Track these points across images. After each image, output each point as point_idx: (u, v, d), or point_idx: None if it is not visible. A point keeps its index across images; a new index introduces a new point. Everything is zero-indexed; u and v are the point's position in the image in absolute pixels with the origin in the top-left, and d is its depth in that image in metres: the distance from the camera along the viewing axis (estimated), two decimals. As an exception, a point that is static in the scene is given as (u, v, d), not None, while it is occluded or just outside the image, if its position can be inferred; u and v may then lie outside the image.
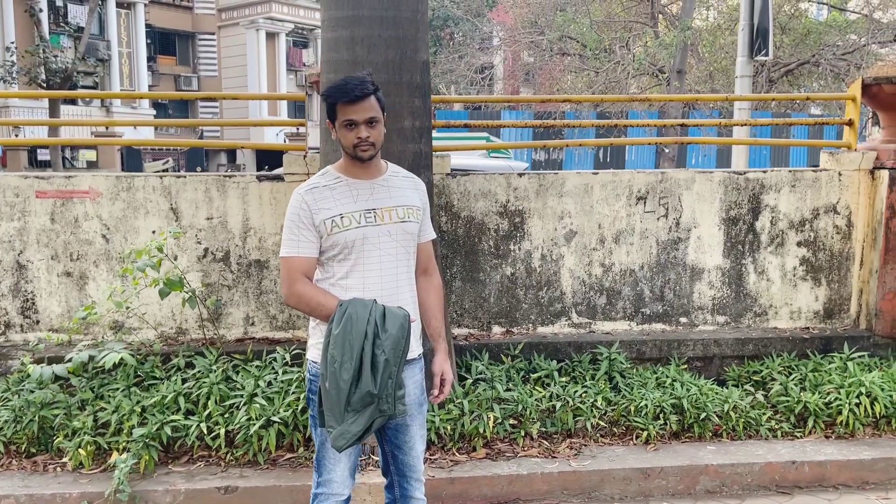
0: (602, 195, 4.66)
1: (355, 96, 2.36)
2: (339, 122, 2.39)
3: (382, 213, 2.45)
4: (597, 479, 3.68)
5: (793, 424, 4.14)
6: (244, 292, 4.49)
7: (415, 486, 2.61)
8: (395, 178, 2.54)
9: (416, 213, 2.53)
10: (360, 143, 2.39)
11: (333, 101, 2.39)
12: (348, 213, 2.41)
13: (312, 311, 2.44)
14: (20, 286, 4.39)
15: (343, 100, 2.36)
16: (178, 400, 3.78)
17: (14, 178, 4.37)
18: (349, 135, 2.39)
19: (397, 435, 2.55)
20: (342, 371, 2.25)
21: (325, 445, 2.47)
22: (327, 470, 2.49)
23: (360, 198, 2.44)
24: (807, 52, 16.75)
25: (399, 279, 2.48)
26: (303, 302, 2.43)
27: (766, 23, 8.32)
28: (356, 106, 2.36)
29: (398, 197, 2.50)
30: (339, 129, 2.41)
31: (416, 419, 2.55)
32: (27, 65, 22.25)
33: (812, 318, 4.90)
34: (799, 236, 4.82)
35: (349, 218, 2.40)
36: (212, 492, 3.47)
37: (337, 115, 2.39)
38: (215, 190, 4.43)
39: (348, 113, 2.37)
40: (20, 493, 3.42)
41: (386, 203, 2.46)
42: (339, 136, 2.42)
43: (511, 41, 20.53)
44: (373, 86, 2.40)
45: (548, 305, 4.69)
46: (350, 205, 2.42)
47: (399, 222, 2.47)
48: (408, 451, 2.57)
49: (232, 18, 33.10)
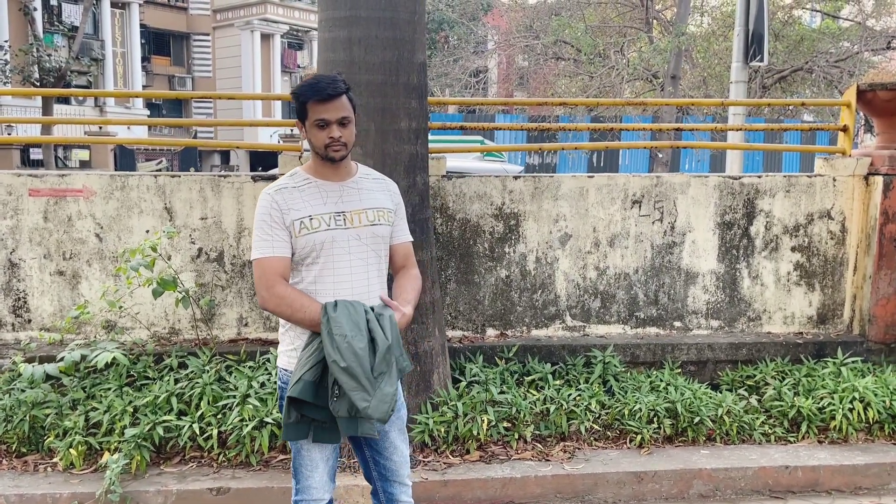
0: (597, 198, 4.66)
1: (328, 95, 2.30)
2: (311, 121, 2.33)
3: (352, 216, 2.39)
4: (590, 483, 3.67)
5: (786, 429, 4.14)
6: (238, 293, 4.47)
7: (400, 490, 2.57)
8: (366, 180, 2.49)
9: (388, 215, 2.48)
10: (332, 143, 2.33)
11: (304, 100, 2.32)
12: (317, 214, 2.35)
13: (294, 314, 2.33)
14: (12, 285, 4.36)
15: (315, 98, 2.30)
16: (171, 400, 3.75)
17: (7, 176, 4.34)
18: (320, 134, 2.33)
19: (376, 441, 2.52)
20: (355, 342, 2.21)
21: (301, 452, 2.45)
22: (305, 476, 2.46)
23: (330, 200, 2.38)
24: (800, 59, 16.86)
25: (370, 283, 2.42)
26: (284, 304, 2.32)
27: (761, 29, 8.36)
28: (328, 105, 2.31)
29: (368, 199, 2.45)
30: (309, 130, 2.35)
31: (394, 424, 2.51)
32: (20, 63, 22.15)
33: (806, 323, 4.91)
34: (793, 241, 4.83)
35: (318, 220, 2.34)
36: (204, 493, 3.44)
37: (308, 115, 2.33)
38: (210, 190, 4.41)
39: (320, 112, 2.31)
40: (10, 493, 3.39)
41: (356, 206, 2.41)
42: (310, 137, 2.36)
43: (506, 45, 20.58)
44: (344, 84, 2.35)
45: (542, 308, 4.69)
46: (319, 206, 2.36)
47: (369, 225, 2.41)
48: (388, 457, 2.54)
49: (227, 19, 33.03)
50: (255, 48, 32.03)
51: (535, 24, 19.45)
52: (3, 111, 22.99)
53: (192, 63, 33.04)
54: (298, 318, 2.33)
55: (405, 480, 2.59)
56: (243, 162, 29.40)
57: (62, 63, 21.86)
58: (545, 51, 18.93)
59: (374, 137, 3.62)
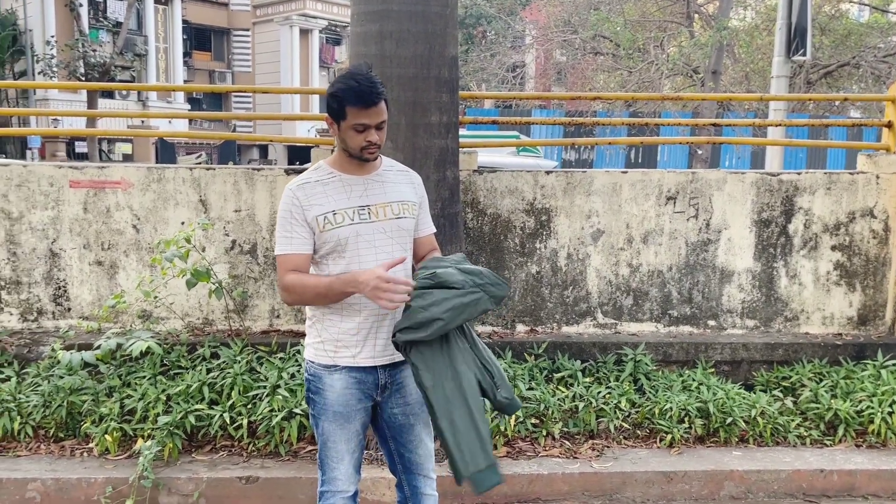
0: (631, 194, 4.60)
1: (370, 102, 2.27)
2: (349, 124, 2.29)
3: (377, 210, 2.38)
4: (618, 482, 3.64)
5: (822, 432, 4.05)
6: (270, 285, 4.52)
7: (424, 483, 2.58)
8: (390, 173, 2.48)
9: (412, 208, 2.47)
10: (369, 146, 2.31)
11: (344, 104, 2.27)
12: (341, 209, 2.33)
13: (306, 292, 2.31)
14: (53, 274, 4.47)
15: (357, 105, 2.26)
16: (203, 389, 3.82)
17: (49, 168, 4.45)
18: (358, 137, 2.30)
19: (402, 434, 2.52)
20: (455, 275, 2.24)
21: (327, 444, 2.45)
22: (330, 468, 2.47)
23: (354, 194, 2.37)
24: (847, 54, 16.40)
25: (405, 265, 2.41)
26: (297, 287, 2.31)
27: (804, 22, 8.15)
28: (369, 111, 2.27)
29: (393, 192, 2.43)
30: (345, 131, 2.31)
31: (419, 418, 2.51)
32: (67, 59, 22.72)
33: (845, 324, 4.79)
34: (833, 240, 4.72)
35: (342, 214, 2.33)
36: (233, 481, 3.50)
37: (346, 118, 2.29)
38: (244, 183, 4.46)
39: (360, 117, 2.27)
40: (47, 476, 3.48)
41: (380, 199, 2.39)
42: (345, 137, 2.33)
43: (543, 40, 20.43)
44: (382, 86, 2.31)
45: (573, 305, 4.65)
46: (343, 201, 2.35)
47: (394, 219, 2.40)
48: (413, 450, 2.54)
49: (266, 15, 33.42)
50: (293, 43, 32.35)
51: (573, 19, 19.28)
52: (50, 105, 23.61)
53: (232, 58, 33.50)
54: (311, 296, 2.32)
55: (430, 473, 2.59)
56: (281, 156, 29.74)
57: (107, 58, 22.36)
58: (583, 46, 18.75)
59: (405, 131, 3.62)
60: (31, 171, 4.42)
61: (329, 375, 2.40)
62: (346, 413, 2.41)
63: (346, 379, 2.39)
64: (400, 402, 2.48)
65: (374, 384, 2.43)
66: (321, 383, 2.42)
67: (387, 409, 2.50)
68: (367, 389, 2.43)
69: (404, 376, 2.45)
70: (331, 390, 2.40)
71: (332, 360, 2.40)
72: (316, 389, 2.43)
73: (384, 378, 2.43)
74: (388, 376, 2.44)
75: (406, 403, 2.48)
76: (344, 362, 2.39)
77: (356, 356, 2.39)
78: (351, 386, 2.40)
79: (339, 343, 2.38)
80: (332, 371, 2.39)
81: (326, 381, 2.40)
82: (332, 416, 2.41)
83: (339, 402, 2.40)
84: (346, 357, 2.39)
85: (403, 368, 2.44)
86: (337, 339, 2.38)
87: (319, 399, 2.43)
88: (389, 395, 2.47)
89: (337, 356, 2.39)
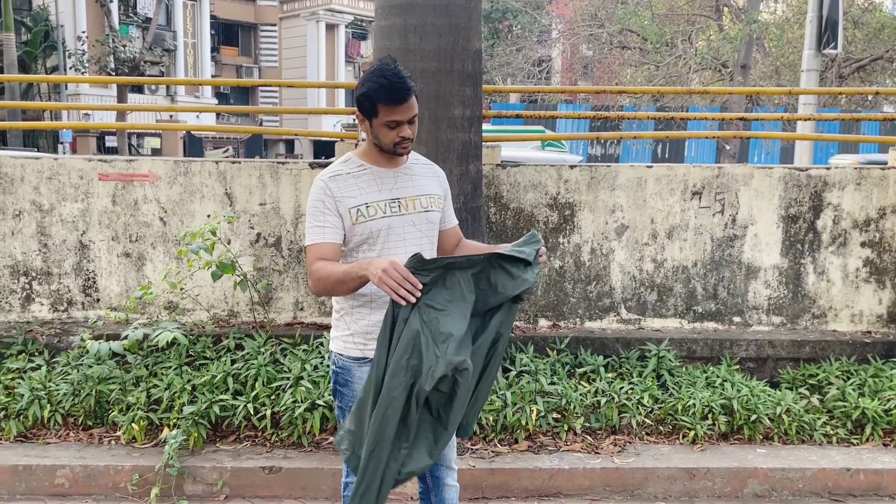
0: (656, 189, 4.56)
1: (402, 99, 2.27)
2: (381, 121, 2.30)
3: (407, 203, 2.39)
4: (640, 478, 3.62)
5: (849, 431, 3.99)
6: (294, 277, 4.56)
7: (447, 474, 2.59)
8: (417, 166, 2.49)
9: (438, 201, 2.48)
10: (402, 141, 2.32)
11: (376, 101, 2.27)
12: (374, 202, 2.34)
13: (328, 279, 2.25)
14: (82, 265, 4.55)
15: (390, 102, 2.26)
16: (227, 380, 3.86)
17: (78, 161, 4.53)
18: (391, 133, 2.31)
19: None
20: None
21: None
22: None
23: (385, 186, 2.38)
24: (880, 48, 16.09)
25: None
26: (322, 275, 2.26)
27: (835, 14, 8.00)
28: (401, 107, 2.27)
29: (421, 186, 2.45)
30: (378, 128, 2.32)
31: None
32: (97, 54, 23.06)
33: (875, 322, 4.71)
34: (863, 236, 4.64)
35: (374, 207, 2.34)
36: (257, 471, 3.54)
37: (378, 115, 2.29)
38: (269, 176, 4.50)
39: (392, 114, 2.27)
40: (76, 463, 3.55)
41: (410, 192, 2.41)
42: (377, 133, 2.33)
43: (570, 34, 20.27)
44: (411, 81, 2.31)
45: (596, 300, 4.63)
46: (375, 194, 2.36)
47: (423, 212, 2.41)
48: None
49: (293, 10, 33.61)
50: (320, 38, 32.51)
51: (600, 13, 19.12)
52: (81, 99, 23.98)
53: (259, 53, 33.76)
54: (332, 283, 2.27)
55: (452, 465, 2.61)
56: (307, 151, 29.94)
57: (136, 53, 22.67)
58: (610, 40, 18.59)
59: (428, 125, 3.63)
60: (62, 163, 4.50)
61: (358, 368, 2.41)
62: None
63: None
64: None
65: None
66: (350, 375, 2.42)
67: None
68: None
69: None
70: (359, 383, 2.39)
71: (361, 353, 2.40)
72: (344, 382, 2.44)
73: None
74: None
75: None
76: (374, 355, 2.39)
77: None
78: None
79: (368, 336, 2.38)
80: (362, 364, 2.40)
81: (356, 374, 2.41)
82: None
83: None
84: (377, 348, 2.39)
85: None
86: (367, 332, 2.38)
87: (347, 391, 2.44)
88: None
89: (367, 349, 2.38)
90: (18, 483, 3.51)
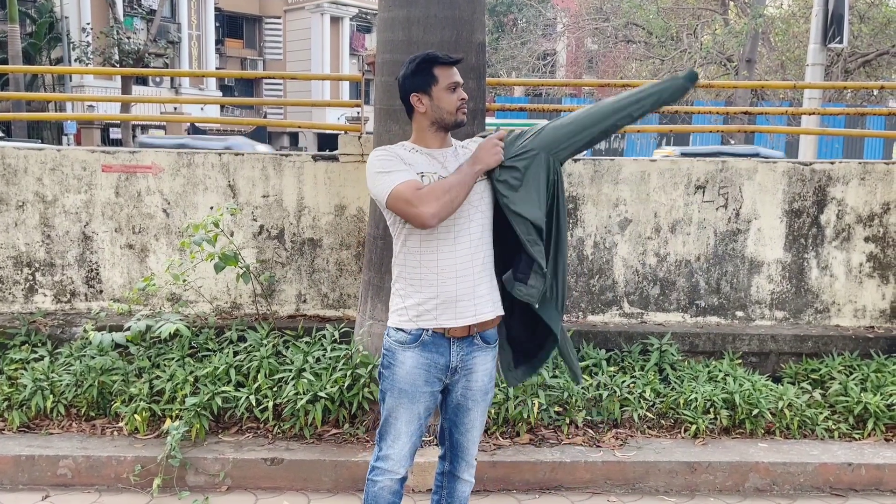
0: (659, 183, 4.55)
1: (455, 59, 2.40)
2: (442, 85, 2.38)
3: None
4: (641, 471, 3.62)
5: (851, 426, 3.98)
6: (297, 270, 4.56)
7: (463, 468, 2.64)
8: (460, 149, 2.55)
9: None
10: (462, 104, 2.41)
11: (432, 65, 2.38)
12: (429, 172, 2.39)
13: (438, 189, 2.28)
14: (85, 257, 4.56)
15: (445, 63, 2.38)
16: (230, 372, 3.87)
17: (82, 152, 4.53)
18: (452, 97, 2.39)
19: (457, 413, 2.56)
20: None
21: (388, 420, 2.49)
22: (387, 445, 2.51)
23: (436, 163, 2.44)
24: (886, 42, 16.01)
25: (483, 241, 2.47)
26: (430, 195, 2.27)
27: (841, 9, 7.96)
28: (454, 69, 2.40)
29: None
30: (439, 95, 2.38)
31: (478, 405, 2.56)
32: (101, 46, 23.05)
33: (878, 317, 4.70)
34: (867, 231, 4.62)
35: (430, 177, 2.38)
36: (259, 462, 3.55)
37: (438, 80, 2.37)
38: (272, 168, 4.50)
39: (451, 76, 2.38)
40: (78, 454, 3.56)
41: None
42: (439, 103, 2.39)
43: (575, 28, 20.24)
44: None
45: (599, 294, 4.63)
46: (428, 167, 2.41)
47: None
48: (464, 433, 2.59)
49: (298, 3, 33.55)
50: (324, 31, 32.46)
51: (605, 7, 19.07)
52: (86, 91, 24.00)
53: (263, 46, 33.72)
54: (444, 190, 2.29)
55: (471, 460, 2.65)
56: (311, 144, 29.94)
57: (140, 45, 22.65)
58: (615, 34, 18.56)
59: (431, 117, 3.61)
60: (65, 155, 4.51)
61: (402, 352, 2.44)
62: (411, 393, 2.44)
63: (417, 358, 2.43)
64: (464, 387, 2.53)
65: (444, 366, 2.45)
66: (394, 359, 2.46)
67: (452, 391, 2.54)
68: (437, 372, 2.45)
69: (476, 361, 2.49)
70: (401, 367, 2.44)
71: (414, 324, 2.43)
72: (388, 364, 2.48)
73: (456, 360, 2.46)
74: (460, 359, 2.47)
75: (469, 389, 2.53)
76: (426, 324, 2.42)
77: (438, 318, 2.41)
78: (420, 366, 2.43)
79: (420, 308, 2.42)
80: (406, 347, 2.43)
81: (399, 357, 2.45)
82: (398, 393, 2.46)
83: (405, 379, 2.44)
84: (429, 320, 2.41)
85: (476, 352, 2.48)
86: (419, 304, 2.42)
87: (389, 374, 2.48)
88: (458, 380, 2.51)
89: (419, 320, 2.42)
90: (21, 473, 3.53)
